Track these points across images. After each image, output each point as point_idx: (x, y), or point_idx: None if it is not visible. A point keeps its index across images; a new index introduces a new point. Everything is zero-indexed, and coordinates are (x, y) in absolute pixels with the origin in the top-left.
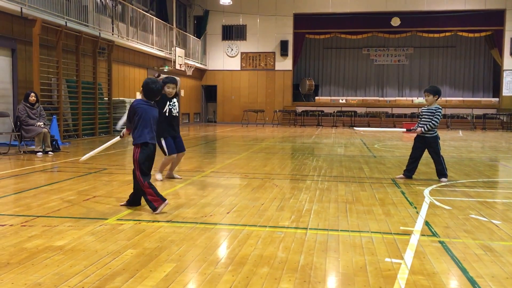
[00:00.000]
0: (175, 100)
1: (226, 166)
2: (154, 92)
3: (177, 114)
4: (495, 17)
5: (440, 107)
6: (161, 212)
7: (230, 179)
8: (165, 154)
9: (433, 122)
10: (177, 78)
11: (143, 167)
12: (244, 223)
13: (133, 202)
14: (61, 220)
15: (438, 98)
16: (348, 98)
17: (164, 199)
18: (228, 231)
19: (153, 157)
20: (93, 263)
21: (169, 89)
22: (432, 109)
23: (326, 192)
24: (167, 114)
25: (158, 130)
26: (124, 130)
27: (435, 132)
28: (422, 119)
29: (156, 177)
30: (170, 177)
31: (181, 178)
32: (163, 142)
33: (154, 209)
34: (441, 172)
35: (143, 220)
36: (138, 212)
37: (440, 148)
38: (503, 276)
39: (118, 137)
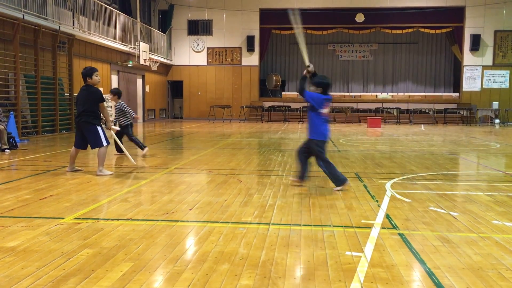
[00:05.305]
0: None
1: (190, 162)
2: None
3: None
4: (456, 14)
5: (119, 104)
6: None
7: (194, 175)
8: (101, 145)
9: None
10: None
11: None
12: (206, 219)
13: None
14: (15, 220)
15: (118, 97)
16: None
17: None
18: (190, 228)
19: None
20: (46, 264)
21: (98, 77)
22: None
23: (290, 187)
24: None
25: (97, 117)
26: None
27: (126, 122)
28: None
29: (106, 173)
30: (73, 170)
31: (82, 170)
32: (99, 130)
33: None
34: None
35: (102, 219)
36: (97, 210)
37: (132, 133)
38: (459, 266)
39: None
